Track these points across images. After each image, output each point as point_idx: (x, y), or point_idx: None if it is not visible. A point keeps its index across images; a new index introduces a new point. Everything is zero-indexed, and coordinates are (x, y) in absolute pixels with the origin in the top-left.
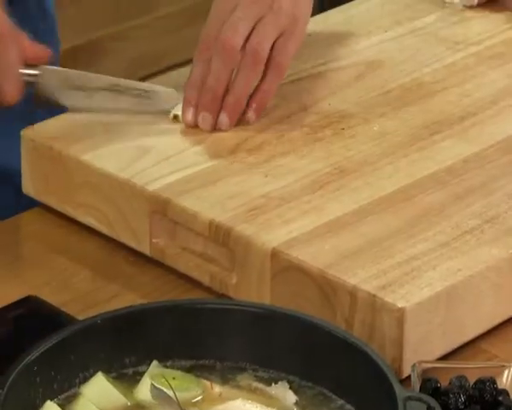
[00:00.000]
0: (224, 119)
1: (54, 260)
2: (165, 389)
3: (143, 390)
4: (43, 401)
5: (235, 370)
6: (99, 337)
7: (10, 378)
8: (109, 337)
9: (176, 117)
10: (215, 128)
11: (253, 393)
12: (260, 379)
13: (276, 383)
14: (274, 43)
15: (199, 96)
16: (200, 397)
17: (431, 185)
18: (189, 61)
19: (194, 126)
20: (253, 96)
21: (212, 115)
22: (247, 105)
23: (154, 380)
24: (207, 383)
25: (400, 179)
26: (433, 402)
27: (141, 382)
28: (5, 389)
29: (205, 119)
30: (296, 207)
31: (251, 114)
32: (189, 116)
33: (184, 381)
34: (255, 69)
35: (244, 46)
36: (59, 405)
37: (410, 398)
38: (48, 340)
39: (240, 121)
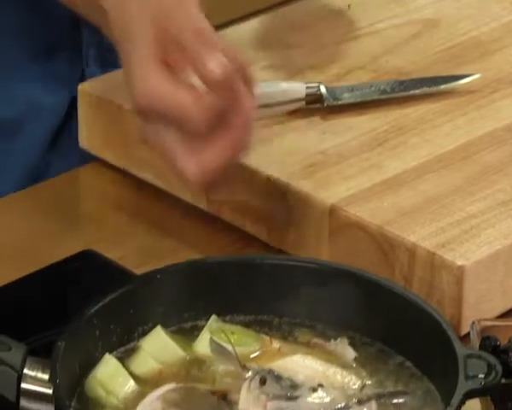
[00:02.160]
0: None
1: (111, 215)
2: (224, 344)
3: (202, 344)
4: (102, 354)
5: (294, 326)
6: (158, 292)
7: (69, 331)
8: (168, 292)
9: None
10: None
11: (311, 349)
12: (319, 335)
13: (335, 339)
14: None
15: None
16: (258, 352)
17: (490, 144)
18: None
19: None
20: None
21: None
22: None
23: (212, 335)
24: (266, 338)
25: (459, 137)
26: (493, 360)
27: (200, 336)
28: (64, 342)
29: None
30: (355, 164)
31: None
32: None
33: (243, 336)
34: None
35: None
36: (118, 358)
37: (470, 356)
38: (108, 293)
39: None
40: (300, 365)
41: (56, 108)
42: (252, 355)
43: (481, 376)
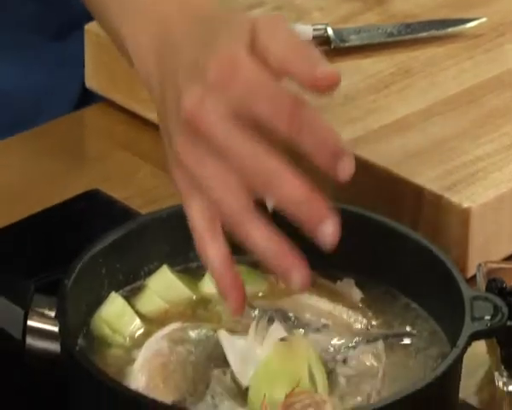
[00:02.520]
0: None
1: (117, 155)
2: None
3: (209, 283)
4: (109, 293)
5: None
6: (164, 231)
7: (76, 270)
8: (174, 231)
9: None
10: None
11: (318, 289)
12: (326, 276)
13: (341, 280)
14: None
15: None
16: (264, 292)
17: (496, 87)
18: None
19: None
20: None
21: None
22: None
23: None
24: (273, 278)
25: (466, 80)
26: (499, 302)
27: (206, 274)
28: (70, 280)
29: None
30: (361, 106)
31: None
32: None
33: (249, 276)
34: None
35: None
36: (124, 297)
37: (476, 297)
38: (114, 232)
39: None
40: (307, 304)
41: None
42: (259, 294)
43: (487, 318)
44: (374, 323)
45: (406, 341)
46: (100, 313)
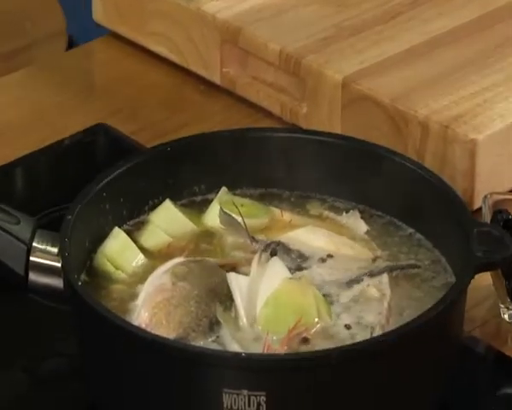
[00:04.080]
0: None
1: (124, 89)
2: (233, 215)
3: (212, 216)
4: (112, 229)
5: (305, 199)
6: (169, 164)
7: (79, 205)
8: (179, 165)
9: None
10: None
11: (323, 221)
12: (331, 208)
13: (347, 212)
14: None
15: None
16: (269, 224)
17: (504, 17)
18: None
19: None
20: None
21: None
22: None
23: (222, 206)
24: (277, 210)
25: (473, 10)
26: (504, 234)
27: (209, 207)
28: (74, 215)
29: None
30: (368, 37)
31: None
32: None
33: (253, 208)
34: None
35: None
36: (127, 231)
37: (481, 229)
38: (117, 166)
39: None
40: (311, 236)
41: None
42: (262, 227)
43: (491, 249)
44: (379, 254)
45: (411, 271)
46: (102, 249)
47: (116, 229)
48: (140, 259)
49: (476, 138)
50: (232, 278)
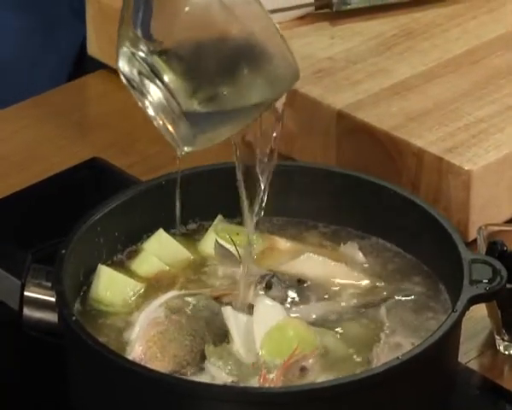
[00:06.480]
0: None
1: (118, 123)
2: (228, 246)
3: (208, 244)
4: (107, 261)
5: (302, 226)
6: (163, 198)
7: (73, 238)
8: (173, 198)
9: None
10: None
11: (322, 251)
12: (328, 237)
13: (344, 243)
14: None
15: None
16: (264, 252)
17: (499, 48)
18: None
19: None
20: None
21: None
22: None
23: (218, 235)
24: (273, 237)
25: (468, 41)
26: (498, 265)
27: (205, 236)
28: (68, 250)
29: None
30: (363, 69)
31: None
32: None
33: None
34: None
35: None
36: (119, 261)
37: (475, 260)
38: (112, 200)
39: None
40: (307, 265)
41: None
42: (258, 256)
43: (486, 281)
44: (377, 283)
45: (409, 300)
46: (91, 294)
47: (99, 266)
48: (131, 287)
49: (471, 170)
50: (229, 313)
